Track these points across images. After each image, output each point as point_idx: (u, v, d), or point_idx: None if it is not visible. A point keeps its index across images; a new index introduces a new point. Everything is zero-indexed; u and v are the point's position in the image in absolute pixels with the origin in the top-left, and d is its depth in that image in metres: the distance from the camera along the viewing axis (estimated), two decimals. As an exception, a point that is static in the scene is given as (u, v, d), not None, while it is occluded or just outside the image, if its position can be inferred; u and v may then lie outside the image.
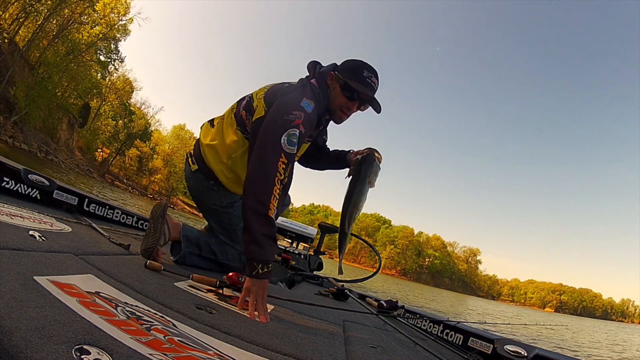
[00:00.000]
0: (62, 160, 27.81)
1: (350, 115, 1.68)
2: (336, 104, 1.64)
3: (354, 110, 1.67)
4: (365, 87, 1.60)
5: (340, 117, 1.68)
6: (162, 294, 1.13)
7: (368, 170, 1.65)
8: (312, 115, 1.52)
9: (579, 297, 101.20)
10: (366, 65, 1.63)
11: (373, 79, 1.61)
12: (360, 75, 1.60)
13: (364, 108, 1.68)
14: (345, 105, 1.64)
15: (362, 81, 1.59)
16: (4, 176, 1.90)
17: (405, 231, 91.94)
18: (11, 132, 21.84)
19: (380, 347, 1.34)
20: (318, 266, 3.20)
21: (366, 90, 1.60)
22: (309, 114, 1.49)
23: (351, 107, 1.64)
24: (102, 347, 0.62)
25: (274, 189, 1.34)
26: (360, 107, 1.67)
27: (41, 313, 0.66)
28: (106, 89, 36.43)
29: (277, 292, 1.86)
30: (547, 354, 1.45)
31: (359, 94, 1.61)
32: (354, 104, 1.63)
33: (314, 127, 1.62)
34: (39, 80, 23.36)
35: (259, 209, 1.32)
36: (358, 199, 1.66)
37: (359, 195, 1.66)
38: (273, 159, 1.37)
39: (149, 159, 49.47)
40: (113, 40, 29.61)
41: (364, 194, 1.67)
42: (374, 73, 1.63)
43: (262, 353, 0.90)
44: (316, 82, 1.64)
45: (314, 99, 1.56)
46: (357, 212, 1.69)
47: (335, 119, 1.71)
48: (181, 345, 0.76)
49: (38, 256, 1.03)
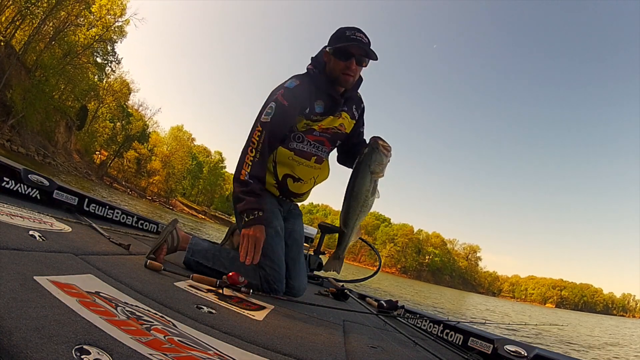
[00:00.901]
0: (60, 163, 27.74)
1: (354, 75, 1.75)
2: (336, 71, 1.74)
3: (354, 67, 1.73)
4: (352, 42, 1.70)
5: (345, 79, 1.75)
6: (162, 294, 1.13)
7: (368, 158, 1.57)
8: (295, 89, 1.71)
9: (579, 292, 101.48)
10: (347, 27, 1.75)
11: (357, 34, 1.72)
12: (343, 36, 1.72)
13: (365, 64, 1.77)
14: (343, 68, 1.73)
15: (347, 39, 1.70)
16: (4, 176, 1.90)
17: (404, 229, 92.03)
18: (8, 136, 21.77)
19: (380, 347, 1.34)
20: (318, 266, 3.20)
21: (354, 44, 1.69)
22: (290, 89, 1.71)
23: (349, 66, 1.72)
24: (102, 347, 0.62)
25: (247, 157, 1.65)
26: (359, 63, 1.74)
27: (41, 313, 0.66)
28: (103, 91, 36.37)
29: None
30: (547, 354, 1.45)
31: (349, 50, 1.70)
32: (350, 62, 1.72)
33: (306, 99, 1.74)
34: (35, 83, 23.27)
35: (235, 176, 1.67)
36: (357, 190, 1.58)
37: (359, 186, 1.58)
38: (250, 133, 1.68)
39: (147, 160, 49.44)
40: (109, 41, 29.55)
41: (365, 184, 1.57)
42: (356, 30, 1.73)
43: (262, 353, 0.90)
44: (312, 65, 1.82)
45: (301, 78, 1.76)
46: (357, 205, 1.60)
47: (343, 84, 1.78)
48: (181, 345, 0.76)
49: (38, 256, 1.03)
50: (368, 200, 1.58)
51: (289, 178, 1.84)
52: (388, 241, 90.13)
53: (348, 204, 1.60)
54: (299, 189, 1.89)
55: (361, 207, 1.59)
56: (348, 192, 1.61)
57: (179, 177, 53.68)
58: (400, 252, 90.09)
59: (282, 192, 1.89)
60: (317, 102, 1.79)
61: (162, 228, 2.77)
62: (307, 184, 1.92)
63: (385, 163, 1.56)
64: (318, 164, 1.87)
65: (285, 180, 1.84)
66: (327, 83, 1.78)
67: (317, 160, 1.86)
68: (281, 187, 1.86)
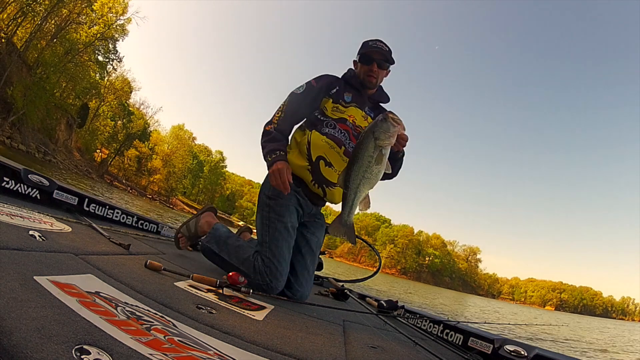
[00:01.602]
0: (60, 161, 27.75)
1: (376, 76, 1.99)
2: (361, 74, 2.00)
3: (375, 70, 1.97)
4: (372, 48, 1.97)
5: (369, 80, 1.99)
6: (162, 294, 1.13)
7: (373, 125, 1.52)
8: (326, 76, 2.03)
9: (579, 295, 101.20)
10: (371, 39, 2.01)
11: (378, 43, 1.98)
12: (366, 45, 1.99)
13: (387, 69, 2.03)
14: (366, 71, 1.98)
15: (368, 48, 1.98)
16: (4, 176, 1.90)
17: (405, 230, 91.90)
18: (9, 133, 21.78)
19: (380, 347, 1.34)
20: (318, 266, 3.20)
21: (374, 50, 1.96)
22: (321, 75, 2.03)
23: (372, 68, 1.97)
24: (102, 347, 0.62)
25: (273, 117, 1.93)
26: (380, 67, 1.98)
27: (41, 313, 0.66)
28: (105, 90, 36.32)
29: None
30: (547, 354, 1.45)
31: (371, 55, 1.97)
32: (372, 65, 1.97)
33: (334, 82, 2.01)
34: (36, 80, 23.27)
35: (263, 131, 1.92)
36: (358, 152, 1.52)
37: (361, 149, 1.52)
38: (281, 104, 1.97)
39: (148, 159, 49.39)
40: (111, 39, 29.52)
41: (367, 149, 1.51)
42: (378, 40, 2.00)
43: (262, 353, 0.90)
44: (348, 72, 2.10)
45: (333, 76, 2.05)
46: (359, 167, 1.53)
47: (367, 84, 2.00)
48: (181, 345, 0.76)
49: (38, 256, 1.03)
50: (372, 166, 1.52)
51: (322, 160, 1.90)
52: (388, 242, 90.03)
53: (349, 166, 1.56)
54: (330, 175, 1.91)
55: (363, 171, 1.53)
56: (351, 156, 1.58)
57: (179, 176, 53.62)
58: (400, 253, 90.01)
59: (314, 177, 1.92)
60: (346, 93, 2.01)
61: (161, 228, 2.77)
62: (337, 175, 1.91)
63: (393, 132, 1.50)
64: (347, 156, 1.89)
65: (318, 163, 1.90)
66: (357, 82, 2.03)
67: (345, 152, 1.90)
68: (314, 169, 1.91)
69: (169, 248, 2.21)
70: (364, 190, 1.57)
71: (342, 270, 24.54)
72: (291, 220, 1.87)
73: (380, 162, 1.53)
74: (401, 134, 1.58)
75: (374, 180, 1.57)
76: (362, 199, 1.59)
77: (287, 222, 1.85)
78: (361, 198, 1.59)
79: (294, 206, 1.91)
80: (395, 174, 1.95)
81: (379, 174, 1.56)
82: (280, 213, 1.86)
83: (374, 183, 1.58)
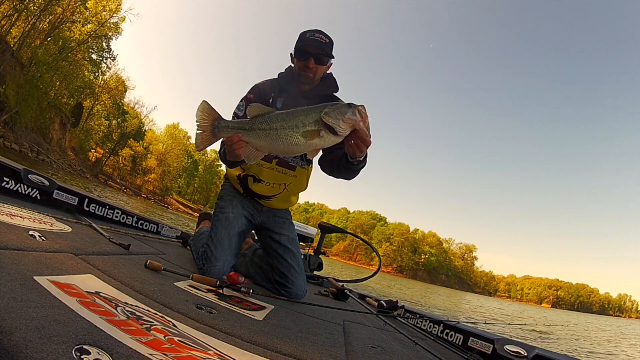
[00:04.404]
0: (54, 160, 27.47)
1: (312, 72, 1.81)
2: (296, 70, 1.85)
3: (312, 66, 1.80)
4: (308, 42, 1.78)
5: (304, 75, 1.82)
6: (162, 294, 1.12)
7: (333, 104, 1.28)
8: (260, 84, 1.90)
9: (575, 292, 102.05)
10: (308, 30, 1.82)
11: (316, 35, 1.79)
12: (302, 38, 1.81)
13: (326, 64, 1.83)
14: (301, 66, 1.81)
15: (304, 41, 1.79)
16: (4, 176, 1.90)
17: (400, 228, 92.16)
18: (1, 132, 21.52)
19: (380, 347, 1.34)
20: (318, 266, 3.20)
21: (311, 43, 1.77)
22: (256, 84, 1.91)
23: (307, 64, 1.80)
24: (102, 347, 0.61)
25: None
26: (318, 61, 1.80)
27: (41, 313, 0.65)
28: (99, 88, 36.04)
29: (277, 292, 1.86)
30: (547, 354, 1.46)
31: (307, 50, 1.78)
32: (308, 61, 1.79)
33: (269, 93, 1.87)
34: (29, 78, 23.02)
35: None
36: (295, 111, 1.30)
37: (299, 110, 1.29)
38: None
39: (142, 158, 49.08)
40: (105, 38, 29.28)
41: (307, 114, 1.27)
42: (317, 31, 1.80)
43: (262, 353, 0.90)
44: (285, 70, 1.94)
45: (267, 82, 1.92)
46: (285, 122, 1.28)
47: (303, 80, 1.84)
48: (181, 345, 0.75)
49: (38, 256, 1.02)
50: (294, 134, 1.26)
51: (250, 177, 1.94)
52: (384, 240, 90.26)
53: (278, 114, 1.32)
54: (261, 189, 1.95)
55: (282, 132, 1.26)
56: (287, 110, 1.35)
57: (174, 175, 53.36)
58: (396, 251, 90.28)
59: (244, 189, 1.98)
60: (278, 99, 1.88)
61: (161, 228, 2.77)
62: (274, 189, 1.95)
63: (348, 119, 1.24)
64: (282, 167, 1.90)
65: (246, 179, 1.95)
66: (289, 81, 1.88)
67: (278, 162, 1.90)
68: (242, 183, 1.98)
69: (168, 248, 2.21)
70: (266, 147, 1.33)
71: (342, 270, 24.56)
72: (234, 211, 1.94)
73: (308, 138, 1.25)
74: (360, 131, 1.28)
75: (284, 148, 1.29)
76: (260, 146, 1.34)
77: (228, 212, 1.92)
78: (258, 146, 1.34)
79: (238, 200, 1.98)
80: (346, 177, 1.72)
81: (295, 147, 1.28)
82: (223, 206, 1.96)
83: (283, 151, 1.35)
